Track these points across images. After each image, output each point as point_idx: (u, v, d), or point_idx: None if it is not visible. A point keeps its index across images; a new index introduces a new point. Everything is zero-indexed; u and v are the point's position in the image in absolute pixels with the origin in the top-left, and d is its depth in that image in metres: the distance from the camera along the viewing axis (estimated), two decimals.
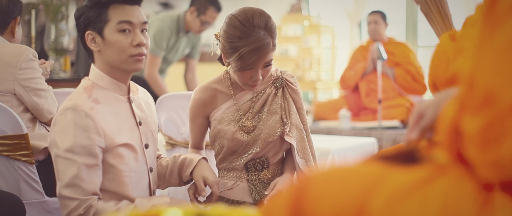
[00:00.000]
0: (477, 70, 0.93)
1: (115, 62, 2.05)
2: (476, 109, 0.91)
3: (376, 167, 1.01)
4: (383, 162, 1.04)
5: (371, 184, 0.96)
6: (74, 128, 1.95)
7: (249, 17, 2.14)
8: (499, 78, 0.89)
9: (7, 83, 2.64)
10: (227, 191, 2.33)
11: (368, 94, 6.05)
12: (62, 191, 1.96)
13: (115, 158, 2.02)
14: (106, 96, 2.07)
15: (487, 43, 0.93)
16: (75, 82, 4.72)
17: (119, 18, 2.03)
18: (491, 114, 0.89)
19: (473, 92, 0.92)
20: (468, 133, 0.92)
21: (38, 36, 5.01)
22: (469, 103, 0.93)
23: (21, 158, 2.53)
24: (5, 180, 2.53)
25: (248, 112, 2.30)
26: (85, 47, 2.10)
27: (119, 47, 2.03)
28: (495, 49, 0.91)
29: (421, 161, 1.05)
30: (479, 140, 0.90)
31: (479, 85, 0.92)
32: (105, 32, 2.03)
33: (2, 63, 2.65)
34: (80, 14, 2.08)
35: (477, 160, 0.91)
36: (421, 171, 0.96)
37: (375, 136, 5.15)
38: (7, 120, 2.50)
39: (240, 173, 2.32)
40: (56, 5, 4.55)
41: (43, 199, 2.60)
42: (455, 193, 0.91)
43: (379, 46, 5.52)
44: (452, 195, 0.91)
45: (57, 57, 4.72)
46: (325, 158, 3.70)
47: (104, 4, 2.03)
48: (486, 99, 0.90)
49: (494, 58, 0.91)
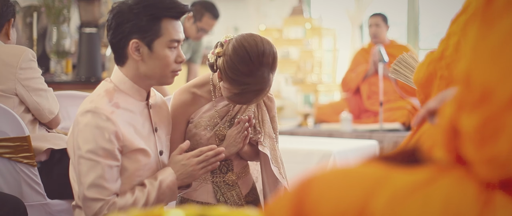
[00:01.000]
0: (473, 67, 0.93)
1: (155, 75, 2.06)
2: (473, 107, 0.91)
3: (377, 168, 1.01)
4: (384, 163, 1.04)
5: (372, 185, 0.96)
6: (96, 130, 1.95)
7: (259, 55, 2.10)
8: (494, 74, 0.90)
9: (9, 83, 2.65)
10: (192, 192, 2.33)
11: (370, 96, 6.05)
12: (86, 193, 1.96)
13: (131, 162, 2.03)
14: (126, 101, 2.07)
15: (483, 40, 0.93)
16: (77, 84, 4.72)
17: (171, 35, 2.04)
18: (487, 110, 0.89)
19: (469, 90, 0.93)
20: (465, 131, 0.92)
21: (40, 39, 5.02)
22: (466, 101, 0.93)
23: (23, 160, 2.54)
24: (7, 182, 2.53)
25: (225, 117, 2.30)
26: (119, 51, 2.07)
27: (166, 62, 2.05)
28: (490, 46, 0.91)
29: (422, 162, 1.05)
30: (476, 138, 0.90)
31: (475, 82, 0.92)
32: (155, 45, 2.03)
33: (2, 63, 2.65)
34: (125, 19, 2.03)
35: (474, 158, 0.92)
36: (423, 172, 0.97)
37: (376, 138, 5.15)
38: (8, 122, 2.50)
39: (205, 175, 2.29)
40: (58, 8, 4.56)
41: (44, 201, 2.61)
42: (457, 194, 0.92)
43: (380, 48, 5.52)
44: (454, 196, 0.91)
45: (58, 59, 4.73)
46: (326, 160, 3.70)
47: (159, 18, 2.02)
48: (482, 96, 0.90)
49: (489, 54, 0.91)
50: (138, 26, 2.01)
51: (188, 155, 2.11)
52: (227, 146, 2.26)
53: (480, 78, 0.91)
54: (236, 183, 2.34)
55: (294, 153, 3.68)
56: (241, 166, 2.39)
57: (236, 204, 2.31)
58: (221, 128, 2.30)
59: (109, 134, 1.95)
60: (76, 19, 5.34)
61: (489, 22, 0.93)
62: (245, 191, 2.37)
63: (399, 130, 5.61)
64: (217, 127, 2.29)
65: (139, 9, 2.01)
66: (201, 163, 2.10)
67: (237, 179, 2.35)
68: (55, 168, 2.69)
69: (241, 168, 2.38)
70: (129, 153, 2.02)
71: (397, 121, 5.70)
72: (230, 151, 2.27)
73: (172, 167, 2.10)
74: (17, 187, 2.54)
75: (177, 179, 2.08)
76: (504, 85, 0.88)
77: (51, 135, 2.75)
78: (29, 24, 4.79)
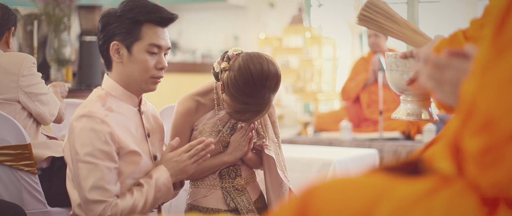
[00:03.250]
0: (479, 94, 0.94)
1: (134, 78, 2.08)
2: (475, 131, 0.92)
3: (380, 178, 1.01)
4: (388, 173, 1.05)
5: (376, 195, 0.96)
6: (92, 133, 1.96)
7: (263, 78, 2.13)
8: (500, 106, 0.90)
9: (11, 91, 2.66)
10: (201, 199, 2.35)
11: (369, 105, 6.05)
12: (88, 195, 1.95)
13: (126, 165, 2.04)
14: (119, 105, 2.09)
15: (491, 67, 0.93)
16: (77, 92, 4.73)
17: (151, 40, 2.06)
18: (489, 139, 0.90)
19: (473, 115, 0.93)
20: (468, 152, 0.93)
21: (40, 47, 5.02)
22: (469, 124, 0.94)
23: (24, 168, 2.54)
24: (8, 190, 2.53)
25: (227, 124, 2.33)
26: (104, 54, 2.12)
27: (144, 66, 2.07)
28: (498, 76, 0.92)
29: (425, 172, 1.05)
30: (478, 161, 0.91)
31: (480, 109, 0.92)
32: (134, 49, 2.05)
33: (4, 71, 2.67)
34: (109, 21, 2.08)
35: (477, 177, 0.92)
36: (425, 183, 0.97)
37: (376, 147, 5.15)
38: (10, 130, 2.51)
39: (214, 181, 2.34)
40: (58, 16, 4.57)
41: (45, 209, 2.61)
42: (459, 205, 0.92)
43: (380, 57, 5.53)
44: (456, 207, 0.92)
45: (59, 67, 4.73)
46: (326, 169, 3.70)
47: (140, 21, 2.05)
48: (485, 124, 0.91)
49: (497, 84, 0.92)
50: (119, 28, 2.05)
51: (179, 151, 2.13)
52: (232, 151, 2.31)
53: (485, 106, 0.92)
54: (245, 188, 2.37)
55: (294, 162, 3.68)
56: (249, 171, 2.42)
57: (247, 209, 2.33)
58: (224, 135, 2.32)
59: (105, 136, 1.96)
60: (76, 27, 5.34)
61: (500, 49, 0.93)
62: (254, 197, 2.39)
63: (398, 139, 5.61)
64: (221, 134, 2.31)
65: (123, 12, 2.05)
66: (192, 157, 2.12)
67: (246, 185, 2.37)
68: (55, 176, 2.69)
69: (249, 174, 2.41)
70: (124, 156, 2.03)
71: (396, 130, 5.70)
72: (235, 155, 2.31)
73: (164, 164, 2.11)
74: (18, 195, 2.54)
75: (171, 176, 2.09)
76: (508, 119, 0.89)
77: (52, 142, 2.77)
78: (29, 32, 4.80)
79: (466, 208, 0.91)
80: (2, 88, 2.66)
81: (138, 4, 2.07)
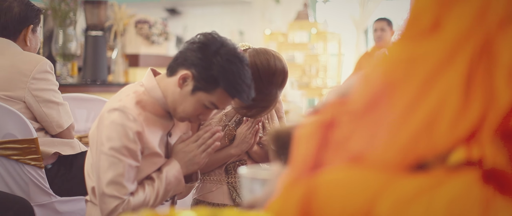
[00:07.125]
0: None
1: (176, 107, 2.04)
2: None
3: (382, 172, 1.02)
4: (390, 167, 1.06)
5: (377, 189, 0.97)
6: (121, 129, 1.96)
7: (269, 75, 2.14)
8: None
9: (18, 91, 2.61)
10: (207, 194, 2.37)
11: None
12: (105, 189, 1.96)
13: (148, 165, 2.05)
14: (153, 106, 2.06)
15: None
16: (82, 87, 4.75)
17: (217, 102, 2.00)
18: None
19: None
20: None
21: (46, 41, 5.04)
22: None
23: (31, 162, 2.55)
24: (15, 184, 2.55)
25: (233, 118, 2.35)
26: (175, 67, 2.04)
27: (192, 110, 2.03)
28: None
29: (427, 167, 1.06)
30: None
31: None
32: (199, 93, 1.99)
33: (17, 70, 2.62)
34: (205, 55, 1.98)
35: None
36: (427, 177, 0.98)
37: None
38: (17, 125, 2.52)
39: (220, 176, 2.36)
40: (64, 11, 4.58)
41: (51, 200, 2.62)
42: (461, 198, 0.93)
43: (385, 52, 5.52)
44: (458, 201, 0.92)
45: (64, 62, 4.75)
46: None
47: (221, 85, 1.98)
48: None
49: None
50: (203, 68, 1.98)
51: (187, 142, 2.13)
52: (239, 144, 2.32)
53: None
54: None
55: None
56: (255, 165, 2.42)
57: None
58: (230, 129, 2.34)
59: (133, 135, 1.96)
60: (82, 22, 5.36)
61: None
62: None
63: None
64: (227, 128, 2.33)
65: (217, 62, 1.96)
66: (200, 146, 2.12)
67: None
68: (61, 173, 2.70)
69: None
70: (148, 156, 2.04)
71: None
72: (241, 148, 2.32)
73: (174, 157, 2.12)
74: (24, 189, 2.56)
75: (181, 167, 2.10)
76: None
77: (58, 140, 2.73)
78: None
79: (469, 202, 0.92)
80: (12, 86, 2.63)
81: (235, 70, 1.97)
